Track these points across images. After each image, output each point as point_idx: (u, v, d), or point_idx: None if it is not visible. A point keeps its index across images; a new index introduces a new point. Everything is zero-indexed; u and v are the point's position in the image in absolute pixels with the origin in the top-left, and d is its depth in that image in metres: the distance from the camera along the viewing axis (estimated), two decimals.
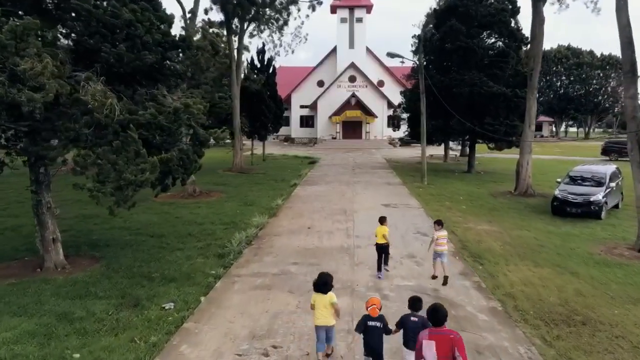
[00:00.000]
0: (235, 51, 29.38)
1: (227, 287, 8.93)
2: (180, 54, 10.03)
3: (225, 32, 27.75)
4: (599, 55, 72.30)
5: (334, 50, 56.18)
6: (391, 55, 22.89)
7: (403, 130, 41.77)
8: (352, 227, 13.56)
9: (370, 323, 5.52)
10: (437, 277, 9.19)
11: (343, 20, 54.96)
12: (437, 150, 39.67)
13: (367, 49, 55.94)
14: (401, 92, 36.40)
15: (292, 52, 37.29)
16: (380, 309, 5.63)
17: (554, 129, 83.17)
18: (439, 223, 9.49)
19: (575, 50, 71.89)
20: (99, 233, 13.65)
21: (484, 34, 27.49)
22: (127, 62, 9.11)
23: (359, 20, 54.78)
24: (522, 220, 15.08)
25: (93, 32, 8.65)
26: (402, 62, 26.17)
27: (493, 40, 27.89)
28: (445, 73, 27.26)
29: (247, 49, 38.21)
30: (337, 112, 52.08)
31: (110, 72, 9.39)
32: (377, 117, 52.49)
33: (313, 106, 54.85)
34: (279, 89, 58.56)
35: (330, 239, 12.35)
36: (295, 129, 58.09)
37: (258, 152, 38.87)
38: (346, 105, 52.00)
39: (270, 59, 36.57)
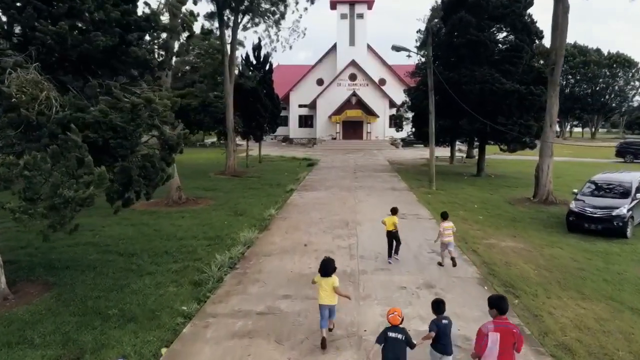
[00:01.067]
0: (229, 46, 27.46)
1: (198, 333, 6.97)
2: (146, 37, 8.09)
3: (216, 25, 25.82)
4: (606, 54, 70.39)
5: (334, 47, 54.22)
6: (396, 48, 20.96)
7: (407, 131, 39.85)
8: (356, 245, 11.60)
9: (391, 334, 5.22)
10: (443, 265, 10.00)
11: (343, 16, 53.01)
12: (442, 152, 37.53)
13: (368, 46, 54.01)
14: (405, 90, 34.47)
15: (290, 47, 35.55)
16: (402, 320, 5.37)
17: (557, 128, 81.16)
18: (444, 216, 10.33)
19: (582, 49, 69.95)
20: (61, 250, 11.70)
21: (496, 27, 25.54)
22: (72, 45, 7.15)
23: (360, 16, 52.83)
24: (549, 235, 13.13)
25: (24, 5, 6.68)
26: (409, 56, 24.34)
27: (505, 33, 25.92)
28: (453, 69, 25.30)
29: (241, 44, 36.30)
30: (337, 112, 50.14)
31: (53, 59, 7.45)
32: (378, 116, 50.53)
33: (312, 105, 52.91)
34: (277, 87, 56.63)
35: None
36: (293, 129, 56.14)
37: (254, 154, 36.94)
38: (346, 105, 50.06)
39: (267, 55, 34.58)
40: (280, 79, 58.01)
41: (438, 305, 5.51)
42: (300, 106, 54.95)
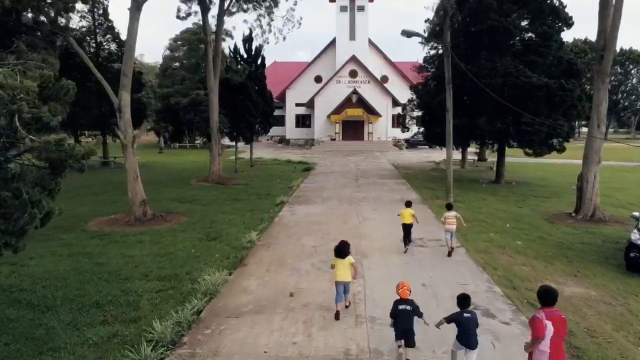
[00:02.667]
0: (213, 35, 24.16)
1: None
2: None
3: (196, 9, 22.52)
4: (618, 50, 66.98)
5: (333, 42, 50.89)
6: (407, 33, 17.59)
7: (413, 131, 36.65)
8: (363, 295, 8.22)
9: (401, 307, 5.75)
10: (452, 249, 10.54)
11: (343, 8, 49.66)
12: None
13: (370, 42, 50.67)
14: (411, 87, 31.06)
15: (284, 38, 31.81)
16: (410, 292, 5.92)
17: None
18: (448, 207, 11.01)
19: (593, 45, 66.54)
20: None
21: (519, 11, 22.19)
22: None
23: (361, 8, 49.48)
24: (620, 272, 9.78)
25: None
26: (422, 42, 20.99)
27: (530, 19, 22.56)
28: (470, 61, 21.96)
29: (229, 34, 33.10)
30: (337, 111, 46.78)
31: None
32: (380, 116, 47.18)
33: (310, 104, 49.53)
34: (274, 85, 53.27)
35: (325, 327, 6.97)
36: (290, 130, 52.79)
37: (247, 156, 33.65)
38: (346, 103, 46.73)
39: (259, 48, 31.25)
40: (277, 77, 54.66)
41: (463, 299, 5.52)
42: (297, 105, 51.61)
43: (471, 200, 18.49)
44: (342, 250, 7.29)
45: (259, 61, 31.69)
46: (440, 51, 30.17)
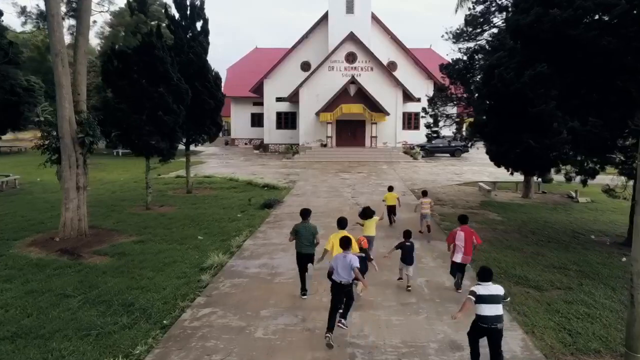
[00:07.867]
0: None
1: None
2: None
3: None
4: None
5: (325, 18, 38.87)
6: None
7: (445, 138, 24.75)
8: None
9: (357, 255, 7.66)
10: (422, 232, 12.28)
11: None
12: (496, 170, 21.54)
13: (373, 16, 38.64)
14: (443, 67, 18.93)
15: None
16: (361, 247, 7.82)
17: None
18: (424, 194, 13.07)
19: None
20: None
21: None
22: None
23: None
24: None
25: None
26: None
27: None
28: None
29: None
30: (329, 107, 34.77)
31: None
32: (388, 114, 35.17)
33: (293, 98, 37.48)
34: (254, 76, 40.91)
35: None
36: (269, 132, 40.83)
37: (206, 171, 21.56)
38: (342, 96, 34.76)
39: (196, 4, 19.41)
40: (258, 67, 42.70)
41: (407, 234, 8.47)
42: (277, 100, 39.62)
43: None
44: (367, 213, 9.73)
45: (200, 24, 19.86)
46: (493, 7, 18.35)
